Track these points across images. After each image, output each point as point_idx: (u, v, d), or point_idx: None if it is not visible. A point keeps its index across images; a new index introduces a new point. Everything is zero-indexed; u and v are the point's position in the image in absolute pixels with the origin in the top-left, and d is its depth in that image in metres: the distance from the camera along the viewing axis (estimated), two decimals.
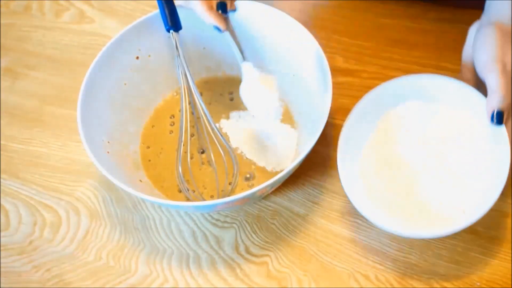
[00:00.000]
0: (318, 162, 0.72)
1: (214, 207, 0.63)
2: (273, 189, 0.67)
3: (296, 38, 0.70)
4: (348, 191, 0.62)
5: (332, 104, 0.64)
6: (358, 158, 0.67)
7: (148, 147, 0.74)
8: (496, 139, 0.61)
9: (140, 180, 0.70)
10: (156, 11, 0.72)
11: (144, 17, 0.72)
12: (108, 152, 0.68)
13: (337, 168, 0.71)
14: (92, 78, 0.69)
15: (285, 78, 0.74)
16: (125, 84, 0.73)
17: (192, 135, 0.74)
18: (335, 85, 0.66)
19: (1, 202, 0.73)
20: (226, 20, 0.69)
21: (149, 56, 0.73)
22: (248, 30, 0.73)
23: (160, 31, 0.73)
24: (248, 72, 0.68)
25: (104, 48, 0.70)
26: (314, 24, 0.69)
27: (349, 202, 0.68)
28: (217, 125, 0.73)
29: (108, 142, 0.69)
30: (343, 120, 0.74)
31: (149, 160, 0.73)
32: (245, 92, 0.68)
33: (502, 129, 0.60)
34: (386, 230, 0.63)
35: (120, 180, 0.61)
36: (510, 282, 0.62)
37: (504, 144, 0.59)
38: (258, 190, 0.60)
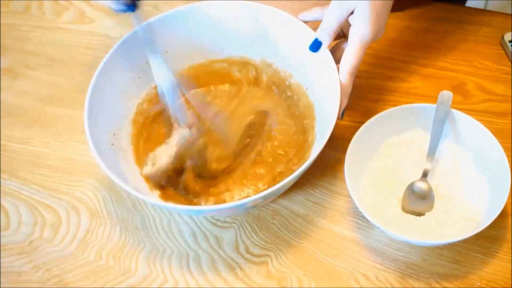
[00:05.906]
0: (318, 162, 0.71)
1: (208, 212, 0.64)
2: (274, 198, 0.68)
3: (303, 40, 0.70)
4: (353, 194, 0.63)
5: None
6: (365, 167, 0.68)
7: None
8: (498, 162, 0.64)
9: (141, 173, 0.70)
10: (175, 8, 0.72)
11: (164, 13, 0.72)
12: (112, 144, 0.68)
13: (337, 168, 0.71)
14: (106, 69, 0.69)
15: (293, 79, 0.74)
16: (138, 78, 0.73)
17: None
18: None
19: (1, 202, 0.73)
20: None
21: (166, 52, 0.73)
22: (256, 29, 0.74)
23: (178, 28, 0.73)
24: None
25: (121, 40, 0.70)
26: (315, 24, 0.69)
27: (350, 202, 0.68)
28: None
29: (114, 134, 0.69)
30: (343, 120, 0.74)
31: None
32: None
33: (503, 157, 0.63)
34: (398, 239, 0.64)
35: (117, 173, 0.62)
36: (510, 282, 0.62)
37: (505, 167, 0.62)
38: (252, 200, 0.60)
